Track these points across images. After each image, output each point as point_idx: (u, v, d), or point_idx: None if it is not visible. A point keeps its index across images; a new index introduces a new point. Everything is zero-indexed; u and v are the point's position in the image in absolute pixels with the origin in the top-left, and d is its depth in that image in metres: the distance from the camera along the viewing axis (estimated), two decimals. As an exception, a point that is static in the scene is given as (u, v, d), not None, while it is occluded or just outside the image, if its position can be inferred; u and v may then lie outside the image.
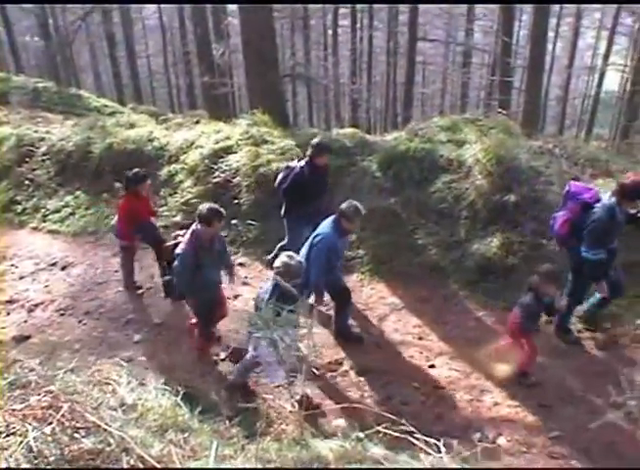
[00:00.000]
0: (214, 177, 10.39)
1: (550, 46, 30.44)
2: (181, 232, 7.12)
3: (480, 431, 5.89)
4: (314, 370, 4.02)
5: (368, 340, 7.40)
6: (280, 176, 8.35)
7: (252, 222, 9.70)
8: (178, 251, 6.61)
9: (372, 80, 33.51)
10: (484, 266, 8.31)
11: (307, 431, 4.04)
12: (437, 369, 6.90)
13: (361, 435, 3.87)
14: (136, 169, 8.50)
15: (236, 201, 9.88)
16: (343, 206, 6.76)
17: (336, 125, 26.44)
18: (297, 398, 3.89)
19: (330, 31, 32.19)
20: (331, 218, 6.89)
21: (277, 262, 5.95)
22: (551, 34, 29.16)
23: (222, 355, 7.22)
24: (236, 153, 10.53)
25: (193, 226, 6.62)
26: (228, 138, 11.00)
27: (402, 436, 3.73)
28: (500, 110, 14.81)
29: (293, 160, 8.84)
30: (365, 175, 9.76)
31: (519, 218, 8.58)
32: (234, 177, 10.19)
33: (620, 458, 5.40)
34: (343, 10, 31.98)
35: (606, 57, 31.03)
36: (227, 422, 4.38)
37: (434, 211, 9.15)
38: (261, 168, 9.93)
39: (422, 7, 26.73)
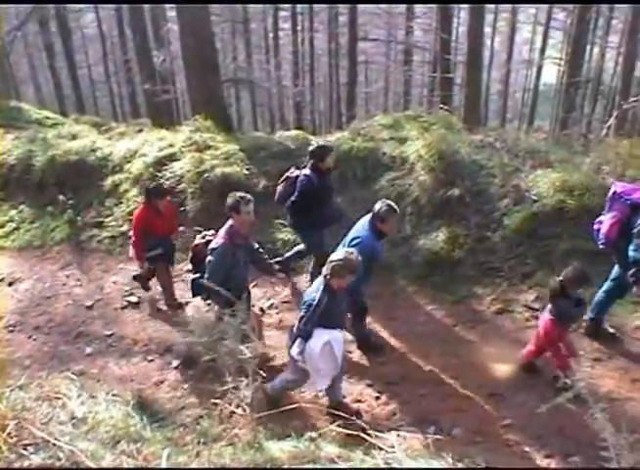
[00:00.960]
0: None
1: (489, 41, 30.95)
2: (209, 232, 6.85)
3: (434, 424, 5.96)
4: (262, 372, 4.02)
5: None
6: (279, 189, 8.01)
7: (200, 229, 9.63)
8: (213, 245, 6.35)
9: (315, 82, 33.50)
10: (432, 261, 8.42)
11: (261, 433, 4.05)
12: (389, 365, 6.98)
13: (314, 434, 3.90)
14: (158, 183, 8.39)
15: (182, 208, 9.80)
16: (376, 206, 6.50)
17: (280, 128, 26.40)
18: (248, 401, 3.89)
19: (271, 34, 32.17)
20: (366, 219, 6.63)
21: (335, 256, 5.46)
22: (489, 30, 29.65)
23: (174, 364, 7.19)
24: (180, 160, 10.46)
25: (228, 222, 6.43)
26: (171, 145, 10.92)
27: (356, 433, 3.79)
28: (442, 106, 15.02)
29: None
30: (309, 177, 9.79)
31: (463, 212, 8.73)
32: (179, 184, 10.12)
33: (572, 441, 5.54)
34: (284, 13, 31.99)
35: (542, 51, 31.66)
36: (182, 429, 4.36)
37: (380, 209, 9.23)
38: (206, 174, 9.86)
39: (361, 7, 26.88)
